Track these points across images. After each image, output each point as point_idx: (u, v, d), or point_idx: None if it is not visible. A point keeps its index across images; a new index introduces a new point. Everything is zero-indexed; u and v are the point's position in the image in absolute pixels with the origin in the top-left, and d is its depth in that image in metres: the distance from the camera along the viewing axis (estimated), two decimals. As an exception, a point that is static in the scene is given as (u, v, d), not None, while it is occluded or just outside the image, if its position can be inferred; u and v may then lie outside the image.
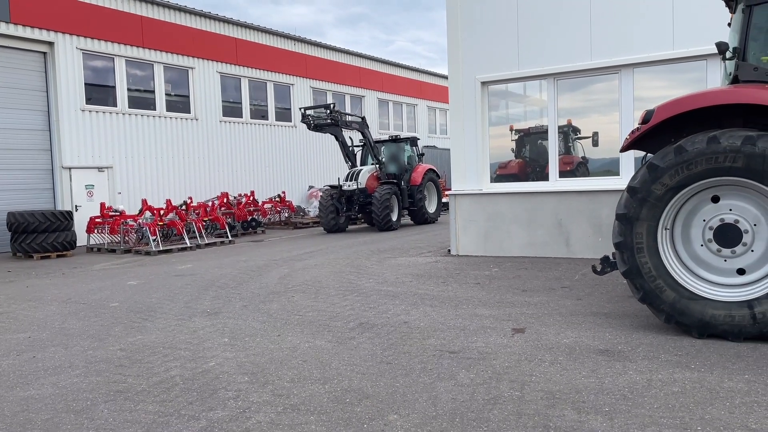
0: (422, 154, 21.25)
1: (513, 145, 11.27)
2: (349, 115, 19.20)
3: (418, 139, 21.29)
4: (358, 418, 3.81)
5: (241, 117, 22.52)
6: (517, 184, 10.49)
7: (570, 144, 10.77)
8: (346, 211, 18.51)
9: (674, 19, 8.96)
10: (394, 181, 18.83)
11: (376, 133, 30.06)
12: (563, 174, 10.33)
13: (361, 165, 19.98)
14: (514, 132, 11.25)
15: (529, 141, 11.21)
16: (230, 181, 21.63)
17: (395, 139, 20.87)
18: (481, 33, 10.54)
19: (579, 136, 10.67)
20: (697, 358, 4.67)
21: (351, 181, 18.46)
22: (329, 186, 18.94)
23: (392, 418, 3.79)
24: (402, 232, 17.41)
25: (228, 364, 5.01)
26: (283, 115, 24.16)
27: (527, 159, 11.12)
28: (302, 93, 24.89)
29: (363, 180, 18.48)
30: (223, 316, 6.89)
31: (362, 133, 19.38)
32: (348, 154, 19.37)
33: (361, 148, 20.30)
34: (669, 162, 5.07)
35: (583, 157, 10.69)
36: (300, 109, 18.68)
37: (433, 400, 4.06)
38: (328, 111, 17.94)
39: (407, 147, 20.54)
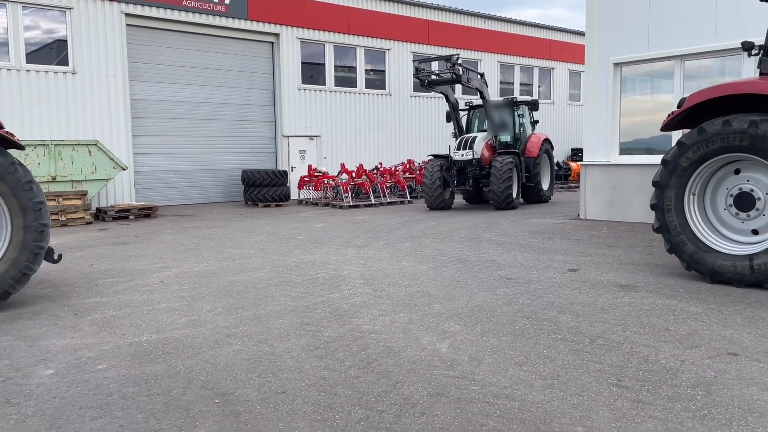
0: (536, 121, 18.23)
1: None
2: (470, 69, 15.92)
3: (537, 101, 18.11)
4: (415, 304, 5.95)
5: (429, 92, 24.94)
6: (641, 157, 11.35)
7: None
8: (458, 184, 15.99)
9: (792, 2, 9.14)
10: (515, 150, 16.02)
11: (564, 105, 30.63)
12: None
13: (466, 131, 17.39)
14: None
15: None
16: (417, 149, 24.30)
17: (512, 102, 17.46)
18: (616, 15, 11.42)
19: None
20: (690, 294, 5.96)
21: (465, 149, 15.63)
22: (433, 155, 16.43)
23: (436, 306, 5.86)
24: (534, 207, 15.80)
25: (354, 274, 7.44)
26: (468, 89, 25.99)
27: None
28: (489, 67, 26.47)
29: (478, 149, 15.60)
30: (368, 249, 9.39)
31: (480, 92, 16.27)
32: (457, 119, 17.05)
33: (466, 112, 17.92)
34: (693, 140, 6.27)
35: None
36: (414, 62, 16.09)
37: (469, 300, 6.03)
38: (450, 64, 14.79)
39: (526, 111, 17.63)
